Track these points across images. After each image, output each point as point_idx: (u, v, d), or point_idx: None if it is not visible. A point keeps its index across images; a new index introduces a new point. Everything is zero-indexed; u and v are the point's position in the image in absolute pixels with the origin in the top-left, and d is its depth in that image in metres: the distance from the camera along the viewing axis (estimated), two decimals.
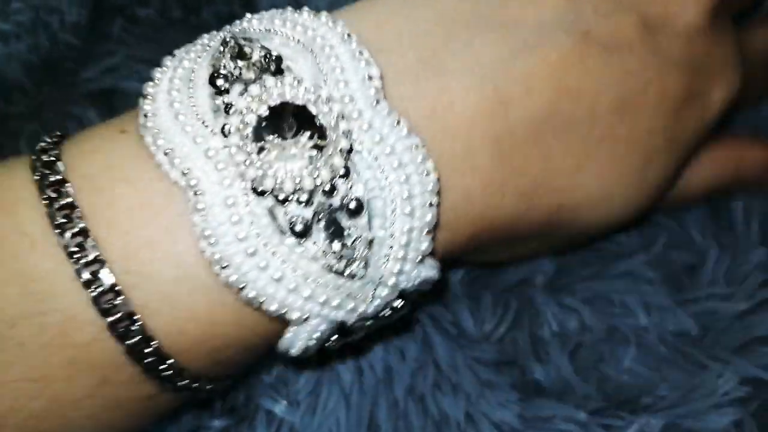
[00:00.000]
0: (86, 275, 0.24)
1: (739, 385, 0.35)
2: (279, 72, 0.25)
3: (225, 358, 0.27)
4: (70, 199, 0.24)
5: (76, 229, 0.24)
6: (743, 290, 0.37)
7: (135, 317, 0.24)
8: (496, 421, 0.34)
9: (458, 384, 0.35)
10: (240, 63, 0.25)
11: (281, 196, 0.24)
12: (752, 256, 0.38)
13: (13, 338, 0.24)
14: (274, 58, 0.25)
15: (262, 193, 0.24)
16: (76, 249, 0.24)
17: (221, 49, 0.25)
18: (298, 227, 0.24)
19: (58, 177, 0.25)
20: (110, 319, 0.24)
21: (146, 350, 0.25)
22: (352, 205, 0.25)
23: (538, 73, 0.28)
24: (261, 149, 0.24)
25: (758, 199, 0.39)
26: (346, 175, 0.25)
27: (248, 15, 0.28)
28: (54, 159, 0.25)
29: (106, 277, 0.24)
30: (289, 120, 0.24)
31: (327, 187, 0.24)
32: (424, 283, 0.27)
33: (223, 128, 0.24)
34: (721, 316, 0.37)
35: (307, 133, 0.24)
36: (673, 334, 0.37)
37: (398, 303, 0.27)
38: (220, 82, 0.25)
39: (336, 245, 0.25)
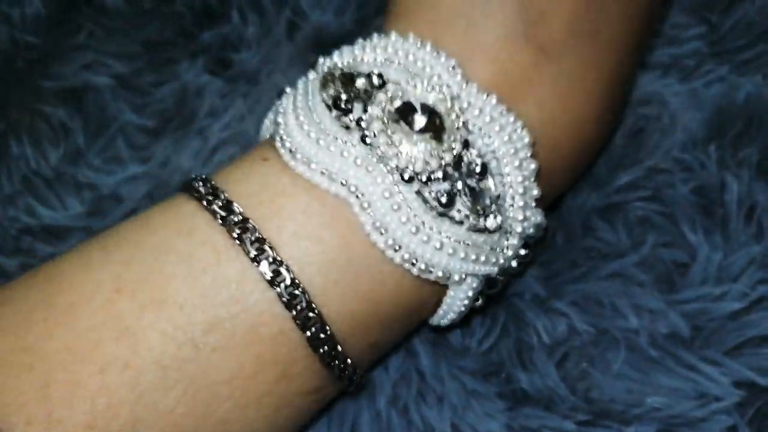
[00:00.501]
0: (269, 275, 0.28)
1: (733, 388, 0.34)
2: (383, 85, 0.30)
3: (380, 340, 0.31)
4: (241, 216, 0.29)
5: (253, 238, 0.28)
6: (736, 289, 0.36)
7: (313, 306, 0.28)
8: None
9: (443, 394, 0.34)
10: (356, 86, 0.30)
11: (423, 178, 0.29)
12: (745, 253, 0.37)
13: (207, 344, 0.28)
14: (376, 74, 0.30)
15: (409, 180, 0.29)
16: (256, 253, 0.28)
17: (323, 79, 0.30)
18: (444, 199, 0.29)
19: (224, 201, 0.29)
20: (294, 310, 0.28)
21: (322, 336, 0.29)
22: (478, 168, 0.29)
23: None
24: (399, 142, 0.29)
25: (753, 193, 0.38)
26: (466, 146, 0.30)
27: (322, 59, 0.33)
28: (214, 188, 0.30)
29: (286, 273, 0.28)
30: (412, 115, 0.29)
31: (455, 160, 0.29)
32: (538, 228, 0.32)
33: (363, 138, 0.29)
34: (714, 316, 0.36)
35: (429, 121, 0.29)
36: (664, 336, 0.35)
37: (523, 252, 0.32)
38: (342, 105, 0.29)
39: (475, 206, 0.29)
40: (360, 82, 0.30)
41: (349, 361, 0.30)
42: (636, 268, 0.37)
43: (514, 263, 0.32)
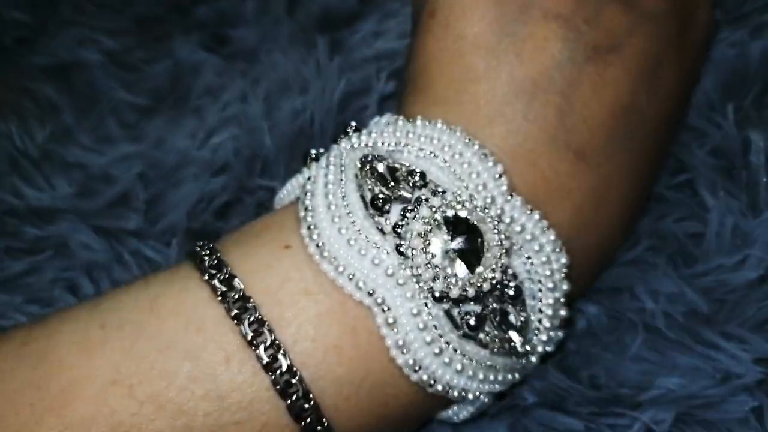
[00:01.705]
0: (282, 384, 0.27)
1: (755, 365, 0.32)
2: (425, 185, 0.29)
3: None
4: (257, 315, 0.27)
5: (267, 342, 0.27)
6: (754, 255, 0.34)
7: (323, 419, 0.27)
8: None
9: None
10: (395, 180, 0.29)
11: (456, 299, 0.28)
12: (763, 215, 0.35)
13: None
14: (418, 173, 0.29)
15: (441, 299, 0.27)
16: (270, 360, 0.27)
17: (360, 167, 0.29)
18: (473, 322, 0.28)
19: (240, 294, 0.27)
20: (303, 423, 0.27)
21: None
22: (512, 292, 0.29)
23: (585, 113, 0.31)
24: (438, 263, 0.27)
25: None
26: (504, 269, 0.28)
27: (356, 129, 0.32)
28: (229, 276, 0.28)
29: (300, 384, 0.27)
30: (456, 232, 0.28)
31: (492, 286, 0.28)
32: (556, 346, 0.31)
33: (398, 249, 0.28)
34: (733, 287, 0.34)
35: (470, 241, 0.28)
36: (682, 315, 0.34)
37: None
38: (379, 204, 0.28)
39: (502, 329, 0.28)
40: (400, 176, 0.29)
41: None
42: (651, 253, 0.35)
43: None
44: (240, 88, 0.41)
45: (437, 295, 0.27)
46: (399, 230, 0.28)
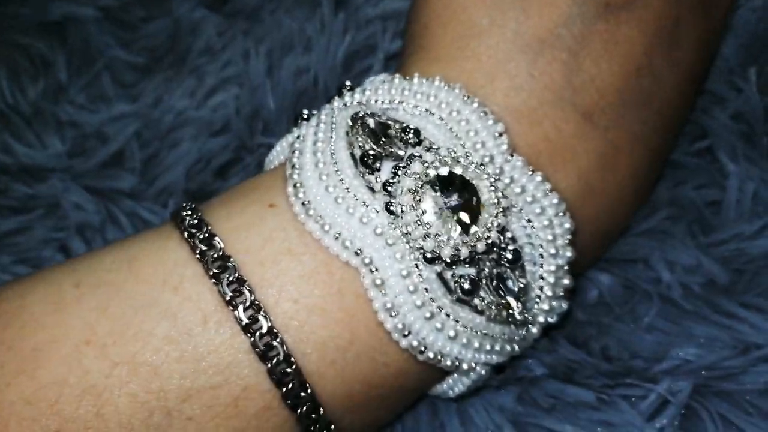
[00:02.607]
0: (261, 346, 0.25)
1: None
2: (419, 143, 0.27)
3: (379, 416, 0.29)
4: (237, 274, 0.26)
5: (247, 303, 0.25)
6: None
7: (306, 385, 0.26)
8: None
9: None
10: (388, 137, 0.27)
11: (448, 259, 0.26)
12: None
13: (182, 412, 0.25)
14: (412, 130, 0.27)
15: (432, 261, 0.26)
16: (249, 321, 0.25)
17: (352, 125, 0.27)
18: (467, 285, 0.26)
19: (220, 253, 0.26)
20: (285, 388, 0.26)
21: (314, 416, 0.26)
22: (509, 256, 0.27)
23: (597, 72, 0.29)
24: (429, 221, 0.26)
25: None
26: (501, 231, 0.27)
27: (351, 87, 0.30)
28: (209, 235, 0.26)
29: (281, 347, 0.25)
30: (450, 190, 0.26)
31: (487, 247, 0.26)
32: (561, 317, 0.29)
33: (388, 207, 0.26)
34: (752, 257, 0.32)
35: (466, 201, 0.26)
36: (700, 285, 0.32)
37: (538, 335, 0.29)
38: (369, 161, 0.27)
39: (499, 295, 0.27)
40: (393, 133, 0.27)
41: None
42: (668, 222, 0.34)
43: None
44: (242, 48, 0.40)
45: (428, 255, 0.26)
46: (389, 188, 0.26)
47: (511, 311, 0.27)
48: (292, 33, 0.39)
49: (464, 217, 0.26)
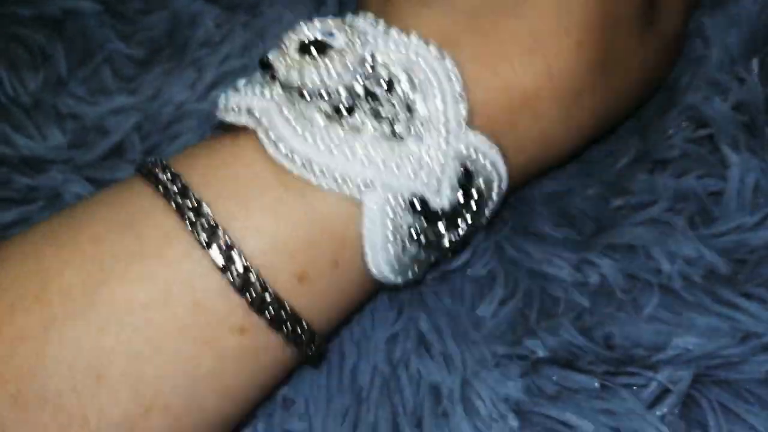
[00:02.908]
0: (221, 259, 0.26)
1: None
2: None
3: (310, 272, 0.28)
4: (184, 184, 0.27)
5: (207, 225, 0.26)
6: None
7: (262, 279, 0.26)
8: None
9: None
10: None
11: (324, 95, 0.27)
12: None
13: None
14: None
15: (304, 96, 0.27)
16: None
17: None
18: (343, 108, 0.27)
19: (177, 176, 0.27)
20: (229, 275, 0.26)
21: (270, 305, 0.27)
22: (385, 75, 0.28)
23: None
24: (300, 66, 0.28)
25: None
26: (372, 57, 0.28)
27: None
28: (168, 167, 0.28)
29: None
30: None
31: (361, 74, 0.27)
32: (492, 168, 0.29)
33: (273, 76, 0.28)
34: (753, 248, 0.32)
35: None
36: (700, 277, 0.32)
37: (475, 193, 0.29)
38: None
39: (378, 110, 0.27)
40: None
41: (278, 295, 0.27)
42: (669, 213, 0.34)
43: (449, 199, 0.29)
44: (242, 41, 0.40)
45: (306, 94, 0.27)
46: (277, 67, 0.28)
47: (391, 125, 0.27)
48: (293, 26, 0.39)
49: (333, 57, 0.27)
